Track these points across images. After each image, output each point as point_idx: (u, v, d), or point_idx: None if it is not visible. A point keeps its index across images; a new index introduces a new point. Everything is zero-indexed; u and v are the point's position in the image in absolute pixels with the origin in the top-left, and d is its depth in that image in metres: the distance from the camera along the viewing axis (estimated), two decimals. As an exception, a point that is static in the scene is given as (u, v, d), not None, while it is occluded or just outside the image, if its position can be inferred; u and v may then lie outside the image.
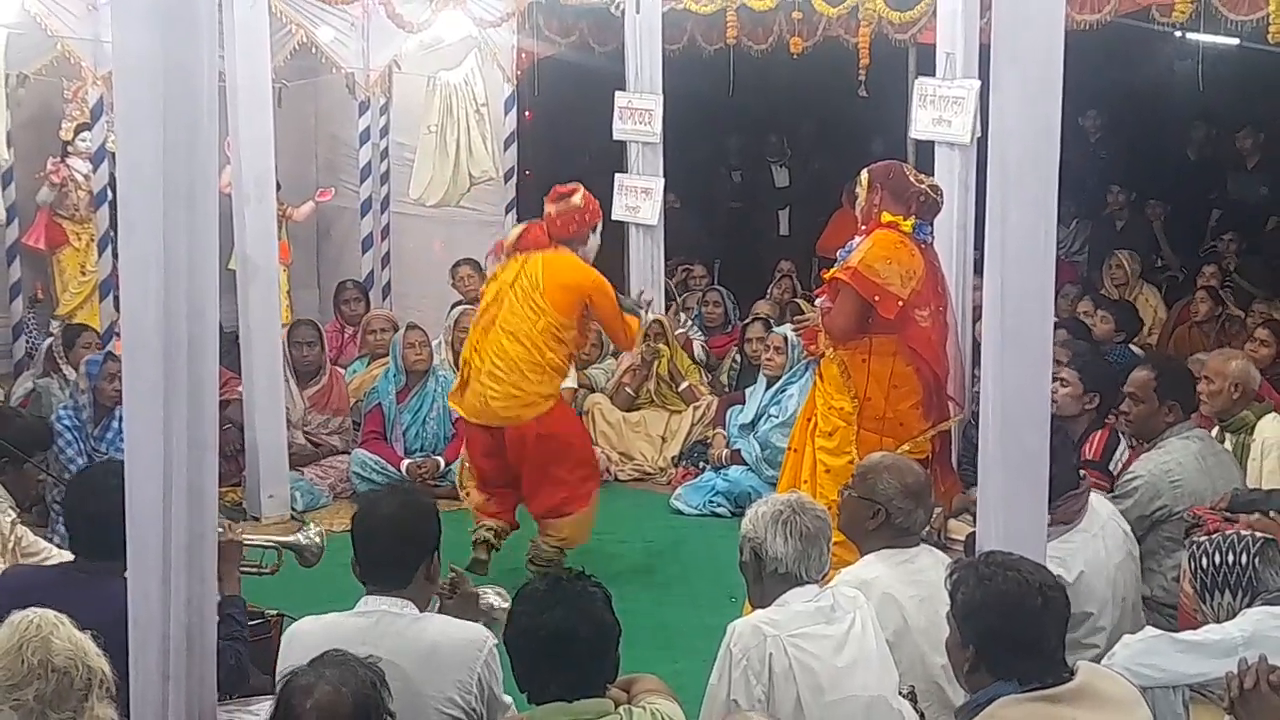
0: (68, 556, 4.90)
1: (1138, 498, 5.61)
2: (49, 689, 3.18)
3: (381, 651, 3.78)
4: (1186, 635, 4.27)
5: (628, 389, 9.55)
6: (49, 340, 9.05)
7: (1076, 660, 3.62)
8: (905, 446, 6.16)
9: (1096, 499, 5.24)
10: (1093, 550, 5.01)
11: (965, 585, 3.52)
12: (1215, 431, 6.22)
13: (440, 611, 4.37)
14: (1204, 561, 4.26)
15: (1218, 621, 4.21)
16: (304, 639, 3.95)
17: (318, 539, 4.93)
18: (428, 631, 3.93)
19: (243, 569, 4.79)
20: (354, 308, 10.25)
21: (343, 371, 9.21)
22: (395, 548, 4.02)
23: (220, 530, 4.73)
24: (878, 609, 4.27)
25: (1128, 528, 5.33)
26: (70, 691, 3.20)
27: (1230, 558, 4.21)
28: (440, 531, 4.16)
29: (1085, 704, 3.38)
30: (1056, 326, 8.80)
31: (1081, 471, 5.36)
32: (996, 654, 3.43)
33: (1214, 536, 4.31)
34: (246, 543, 4.81)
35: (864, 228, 6.32)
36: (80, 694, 3.22)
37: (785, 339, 8.68)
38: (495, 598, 4.42)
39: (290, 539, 4.91)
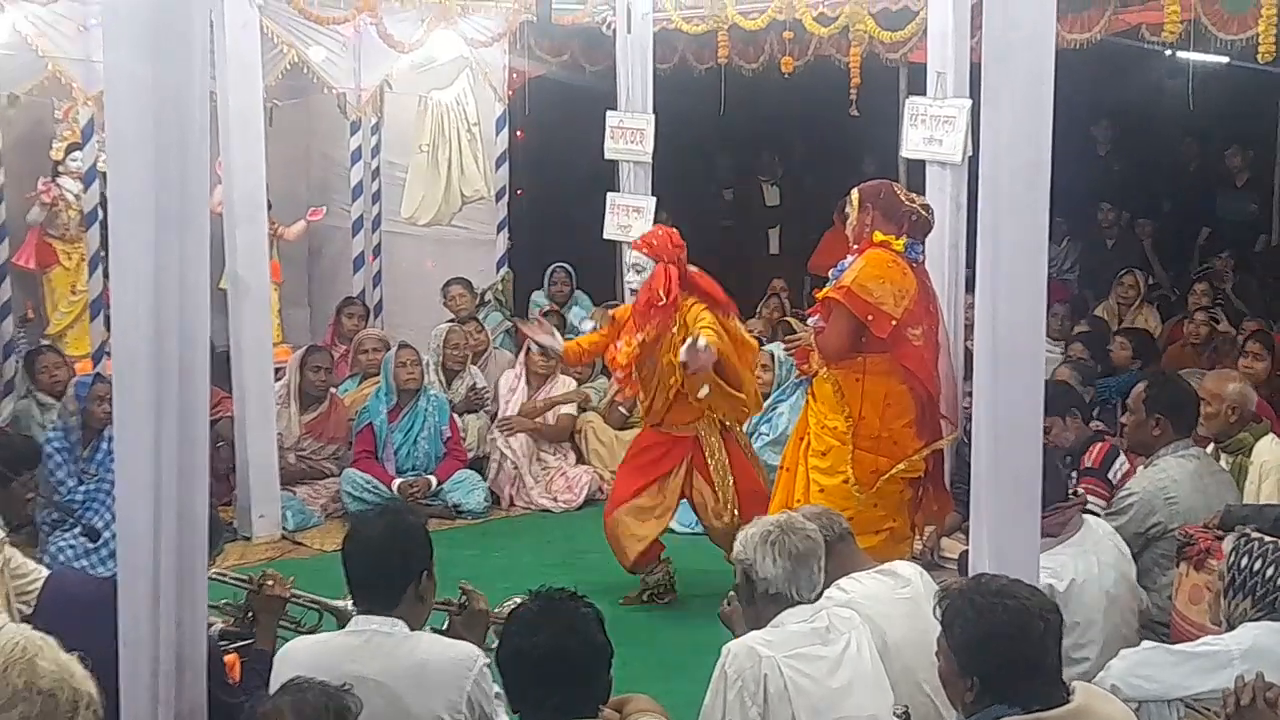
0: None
1: (1133, 514, 5.60)
2: (34, 711, 3.14)
3: (370, 671, 3.80)
4: (1182, 647, 4.27)
5: (621, 408, 9.54)
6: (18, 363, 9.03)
7: (1070, 677, 3.61)
8: (900, 465, 6.16)
9: (1096, 520, 5.22)
10: (1085, 563, 4.99)
11: (963, 618, 3.47)
12: (1211, 450, 6.20)
13: (449, 629, 4.36)
14: (1244, 560, 4.21)
15: (1226, 618, 4.20)
16: (294, 659, 3.96)
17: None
18: (417, 651, 3.92)
19: (281, 625, 4.82)
20: (357, 324, 10.25)
21: (344, 400, 9.19)
22: (383, 567, 4.01)
23: (269, 584, 4.75)
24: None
25: (1126, 551, 5.31)
26: (56, 713, 3.16)
27: (1270, 571, 4.16)
28: (430, 551, 4.14)
29: None
30: (1071, 340, 8.88)
31: (1075, 488, 5.35)
32: (1002, 683, 3.41)
33: (1267, 544, 4.24)
34: (291, 600, 4.83)
35: (855, 247, 6.33)
36: (66, 716, 3.18)
37: (772, 356, 8.68)
38: None
39: (333, 603, 4.92)
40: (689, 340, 6.49)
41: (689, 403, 6.87)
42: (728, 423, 7.07)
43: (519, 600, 3.68)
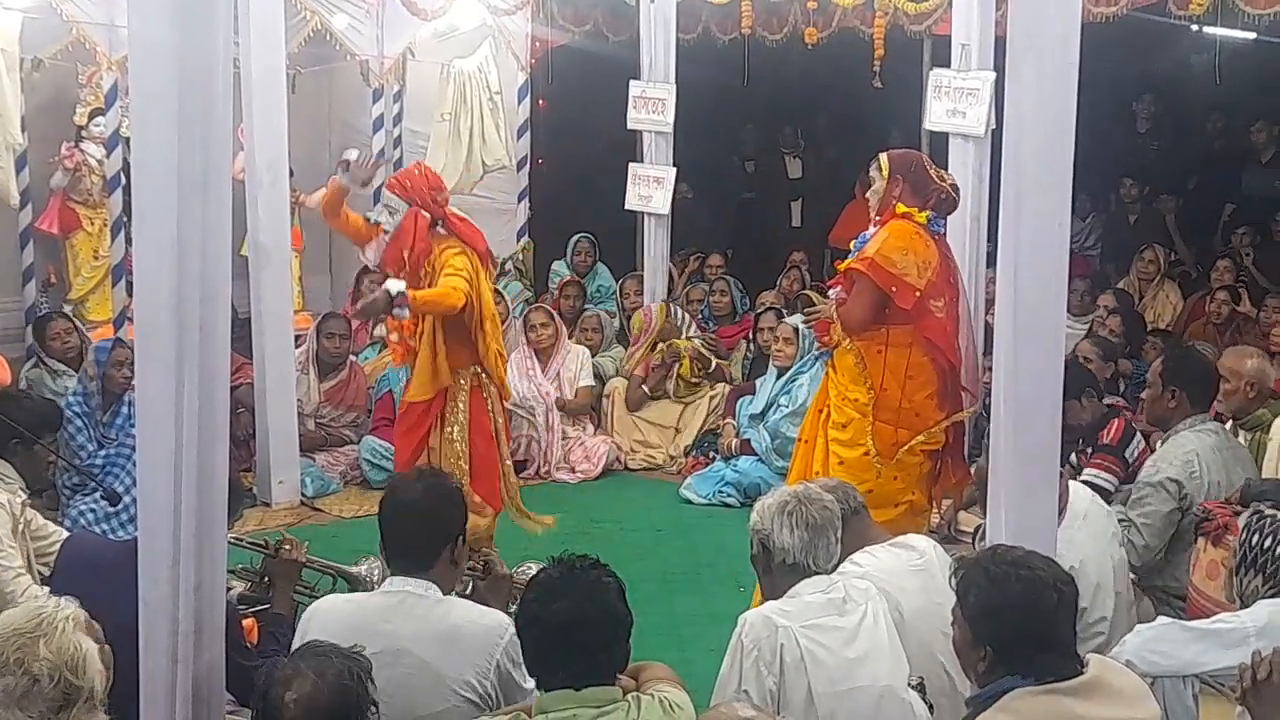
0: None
1: (1167, 497, 5.57)
2: (17, 689, 3.12)
3: (402, 631, 3.86)
4: (1198, 623, 4.26)
5: (644, 387, 9.53)
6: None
7: (1087, 650, 3.61)
8: (920, 437, 6.15)
9: (1074, 491, 5.17)
10: (1079, 544, 4.97)
11: (977, 587, 3.48)
12: (1229, 426, 6.18)
13: (472, 593, 4.40)
14: (1254, 538, 4.20)
15: (1239, 595, 4.19)
16: (325, 615, 4.02)
17: (375, 573, 5.03)
18: (449, 616, 3.96)
19: (296, 590, 4.88)
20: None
21: (364, 367, 9.21)
22: (420, 531, 4.07)
23: (286, 548, 4.80)
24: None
25: (1109, 511, 5.30)
26: (39, 698, 3.12)
27: None
28: (466, 517, 4.21)
29: (1096, 697, 3.38)
30: (1111, 312, 8.76)
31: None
32: (1014, 654, 3.41)
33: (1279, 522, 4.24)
34: (306, 565, 4.90)
35: (878, 218, 6.30)
36: (52, 704, 3.13)
37: (795, 329, 8.68)
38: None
39: (347, 568, 4.98)
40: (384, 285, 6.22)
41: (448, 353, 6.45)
42: (484, 380, 6.60)
43: (536, 567, 3.68)
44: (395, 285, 6.22)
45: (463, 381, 6.57)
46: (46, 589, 4.56)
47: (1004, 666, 3.42)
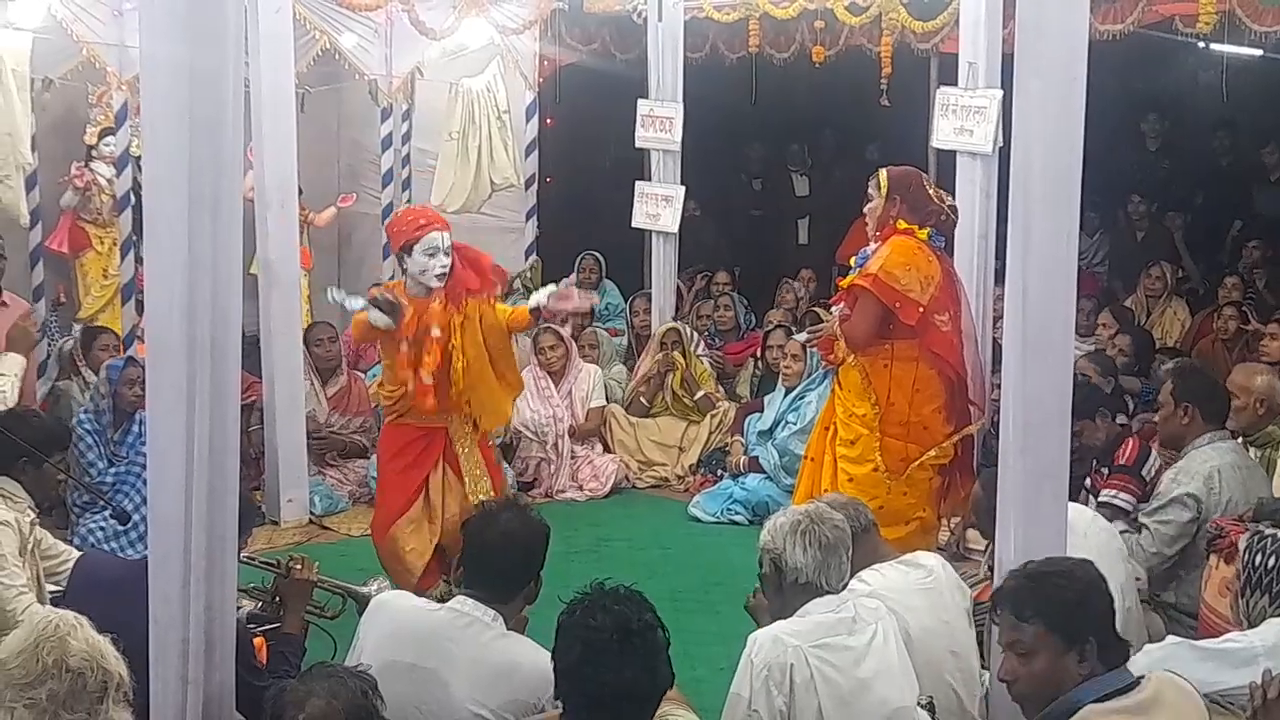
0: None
1: (1185, 509, 5.55)
2: (62, 689, 3.17)
3: (460, 651, 3.93)
4: (1207, 643, 4.24)
5: (642, 398, 9.55)
6: (68, 342, 9.11)
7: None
8: (931, 452, 6.15)
9: (1072, 510, 5.15)
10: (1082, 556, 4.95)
11: (1052, 587, 3.53)
12: (1239, 443, 6.16)
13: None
14: (1258, 559, 4.19)
15: (1246, 617, 4.18)
16: (392, 611, 4.10)
17: (384, 593, 5.03)
18: (512, 650, 4.00)
19: (306, 610, 4.88)
20: None
21: (361, 375, 9.25)
22: (512, 562, 4.14)
23: (298, 568, 4.80)
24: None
25: (1115, 532, 5.29)
26: (84, 693, 3.18)
27: None
28: (546, 558, 4.25)
29: (1162, 714, 3.40)
30: (1116, 333, 8.79)
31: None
32: (1109, 635, 3.51)
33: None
34: (318, 584, 4.92)
35: (878, 234, 6.31)
36: (95, 696, 3.20)
37: (804, 346, 8.68)
38: None
39: (356, 588, 4.99)
40: (553, 288, 6.37)
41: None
42: (479, 421, 6.65)
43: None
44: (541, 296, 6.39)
45: (464, 417, 6.59)
46: (49, 608, 4.57)
47: (1102, 655, 3.47)
